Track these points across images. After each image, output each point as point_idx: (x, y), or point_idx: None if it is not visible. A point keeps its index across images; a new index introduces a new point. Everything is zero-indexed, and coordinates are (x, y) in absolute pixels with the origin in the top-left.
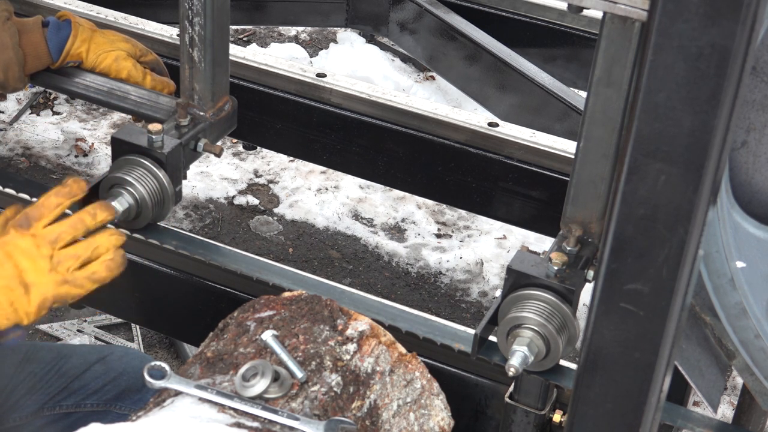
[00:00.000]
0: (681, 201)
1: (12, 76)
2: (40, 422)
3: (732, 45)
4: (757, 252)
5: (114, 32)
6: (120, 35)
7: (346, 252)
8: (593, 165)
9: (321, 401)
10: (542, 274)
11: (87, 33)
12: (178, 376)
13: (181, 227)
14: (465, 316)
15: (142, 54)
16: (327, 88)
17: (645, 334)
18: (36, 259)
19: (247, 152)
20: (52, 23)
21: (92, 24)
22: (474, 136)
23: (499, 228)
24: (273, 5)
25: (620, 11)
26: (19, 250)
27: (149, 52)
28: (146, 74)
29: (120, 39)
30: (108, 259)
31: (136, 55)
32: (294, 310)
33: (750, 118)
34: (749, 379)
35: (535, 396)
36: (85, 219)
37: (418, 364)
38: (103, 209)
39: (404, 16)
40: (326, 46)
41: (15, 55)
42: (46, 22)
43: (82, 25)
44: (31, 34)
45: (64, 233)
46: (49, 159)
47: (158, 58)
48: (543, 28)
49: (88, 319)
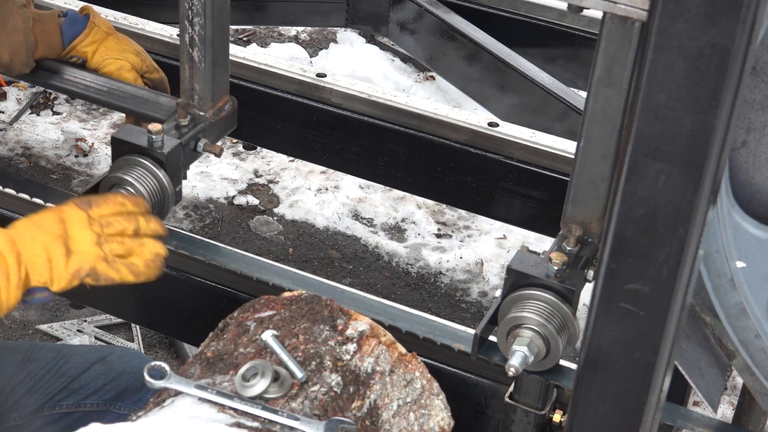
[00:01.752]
0: (681, 201)
1: (19, 60)
2: (40, 422)
3: (732, 45)
4: (757, 252)
5: (130, 42)
6: (133, 47)
7: (346, 252)
8: (593, 165)
9: (321, 401)
10: (542, 274)
11: (100, 35)
12: (178, 376)
13: (181, 227)
14: (465, 316)
15: (149, 70)
16: (327, 88)
17: (645, 334)
18: (85, 230)
19: (247, 152)
20: (70, 15)
21: (110, 26)
22: (474, 136)
23: (499, 228)
24: (273, 5)
25: (620, 11)
26: (73, 218)
27: (157, 70)
28: None
29: (131, 51)
30: (149, 258)
31: (141, 70)
32: (294, 310)
33: (750, 118)
34: (749, 379)
35: (535, 396)
36: (139, 219)
37: (418, 364)
38: (158, 223)
39: (404, 16)
40: (326, 46)
41: (25, 40)
42: (65, 13)
43: (98, 26)
44: (46, 23)
45: (117, 222)
46: (49, 159)
47: (164, 78)
48: (543, 28)
49: (88, 319)
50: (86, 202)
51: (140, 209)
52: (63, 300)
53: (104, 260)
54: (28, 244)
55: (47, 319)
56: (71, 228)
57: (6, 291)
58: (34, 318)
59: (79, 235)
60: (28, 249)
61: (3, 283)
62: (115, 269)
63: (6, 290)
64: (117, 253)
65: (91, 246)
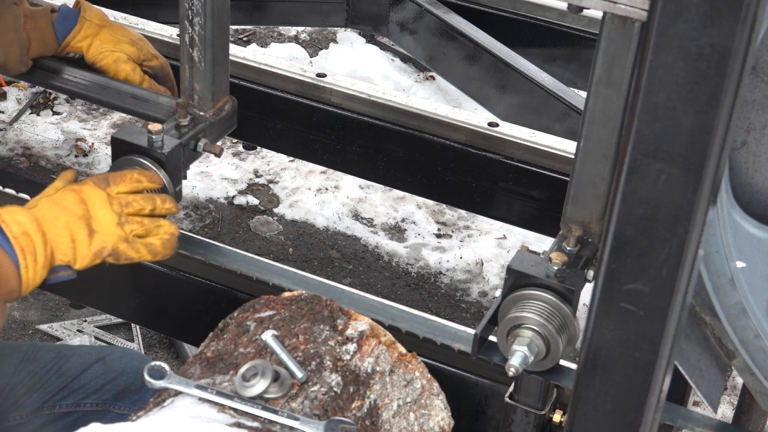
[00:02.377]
0: (681, 201)
1: (14, 58)
2: (40, 421)
3: (732, 45)
4: (757, 252)
5: (124, 31)
6: (128, 36)
7: (346, 252)
8: (593, 165)
9: (321, 401)
10: (542, 274)
11: (92, 29)
12: (178, 376)
13: (181, 227)
14: (465, 316)
15: (147, 58)
16: (327, 88)
17: (645, 334)
18: (106, 210)
19: (247, 152)
20: (62, 11)
21: (103, 18)
22: (474, 136)
23: (499, 228)
24: (273, 5)
25: (620, 11)
26: (94, 198)
27: (155, 57)
28: (144, 80)
29: (126, 41)
30: (165, 239)
31: (139, 59)
32: (294, 310)
33: (750, 118)
34: (749, 379)
35: (535, 396)
36: (156, 199)
37: (418, 364)
38: (172, 202)
39: (404, 16)
40: (326, 46)
41: (17, 38)
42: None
43: (89, 21)
44: (38, 20)
45: (135, 202)
46: (49, 159)
47: (164, 63)
48: (543, 28)
49: (88, 319)
50: (104, 180)
51: (156, 185)
52: (63, 300)
53: (125, 240)
54: (53, 225)
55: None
56: (93, 208)
57: (33, 270)
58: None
59: (101, 215)
60: (53, 229)
61: (30, 262)
62: (135, 249)
63: (33, 269)
64: (136, 233)
65: (113, 227)
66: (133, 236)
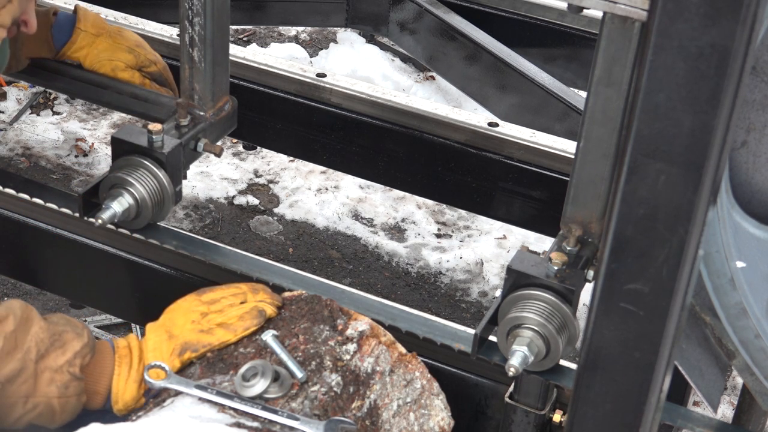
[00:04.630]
0: (681, 201)
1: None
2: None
3: (732, 45)
4: (757, 252)
5: (122, 37)
6: (126, 43)
7: (346, 252)
8: (593, 165)
9: (321, 401)
10: (542, 274)
11: (88, 39)
12: (178, 376)
13: (181, 227)
14: (465, 316)
15: (145, 65)
16: (327, 88)
17: (645, 334)
18: (188, 314)
19: (247, 152)
20: (58, 20)
21: (100, 25)
22: (474, 136)
23: (499, 228)
24: (273, 5)
25: (620, 11)
26: (182, 308)
27: (153, 63)
28: (144, 84)
29: (123, 48)
30: (245, 311)
31: (137, 66)
32: (294, 310)
33: (750, 118)
34: (749, 379)
35: (535, 396)
36: (247, 294)
37: (418, 364)
38: (274, 297)
39: (404, 16)
40: (326, 46)
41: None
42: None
43: (85, 31)
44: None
45: (224, 299)
46: (49, 159)
47: (163, 69)
48: (543, 28)
49: (88, 319)
50: (206, 290)
51: (261, 323)
52: (63, 300)
53: (200, 332)
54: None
55: None
56: (176, 315)
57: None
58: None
59: (180, 319)
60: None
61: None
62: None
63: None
64: (217, 323)
65: (188, 325)
66: (209, 325)
